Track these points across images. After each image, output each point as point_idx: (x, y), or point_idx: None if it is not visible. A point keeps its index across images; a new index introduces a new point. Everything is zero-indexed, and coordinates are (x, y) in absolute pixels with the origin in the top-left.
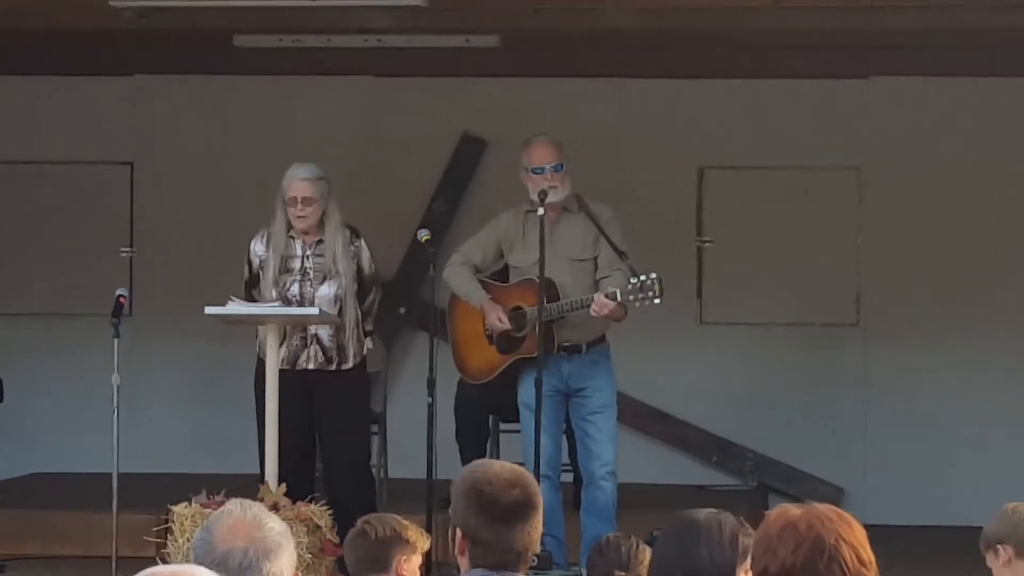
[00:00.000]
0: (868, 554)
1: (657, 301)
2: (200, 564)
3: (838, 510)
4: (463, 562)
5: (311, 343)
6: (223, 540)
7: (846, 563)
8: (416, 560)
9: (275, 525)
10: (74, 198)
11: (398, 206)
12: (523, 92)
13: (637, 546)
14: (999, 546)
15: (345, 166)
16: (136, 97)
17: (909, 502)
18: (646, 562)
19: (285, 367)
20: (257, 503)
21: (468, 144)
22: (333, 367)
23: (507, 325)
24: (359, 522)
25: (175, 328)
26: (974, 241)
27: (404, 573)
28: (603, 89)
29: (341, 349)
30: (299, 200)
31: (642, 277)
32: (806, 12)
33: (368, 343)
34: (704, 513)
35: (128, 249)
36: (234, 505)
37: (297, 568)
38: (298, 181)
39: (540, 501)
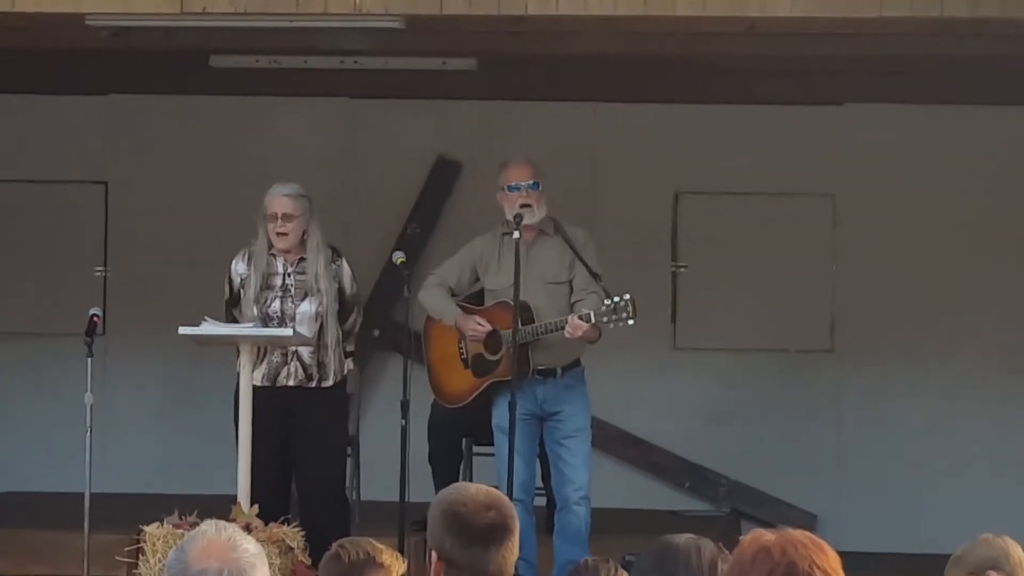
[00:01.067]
0: None
1: (631, 322)
2: None
3: (812, 536)
4: None
5: (292, 360)
6: (197, 560)
7: None
8: None
9: (250, 546)
10: (48, 217)
11: (373, 228)
12: (499, 115)
13: (615, 570)
14: (992, 572)
15: (320, 187)
16: (111, 116)
17: (883, 529)
18: None
19: (265, 384)
20: (232, 524)
21: (443, 167)
22: (313, 384)
23: (488, 327)
24: (333, 546)
25: (149, 348)
26: (949, 268)
27: None
28: (579, 113)
29: (322, 367)
30: (280, 216)
31: (615, 298)
32: (782, 38)
33: (349, 363)
34: (683, 538)
35: (102, 268)
36: (209, 526)
37: None
38: (279, 197)
39: (516, 525)
